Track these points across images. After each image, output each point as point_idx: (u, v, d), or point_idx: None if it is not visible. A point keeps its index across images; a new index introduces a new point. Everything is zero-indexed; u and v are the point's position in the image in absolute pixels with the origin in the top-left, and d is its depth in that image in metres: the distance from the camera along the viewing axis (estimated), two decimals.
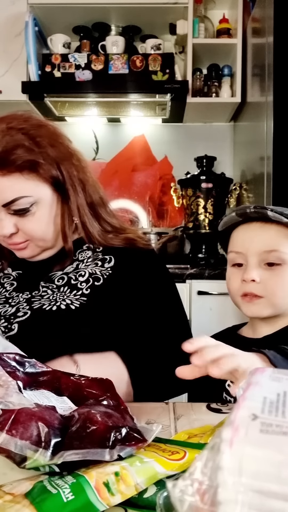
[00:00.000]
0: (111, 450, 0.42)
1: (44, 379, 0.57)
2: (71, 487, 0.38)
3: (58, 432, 0.44)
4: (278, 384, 0.34)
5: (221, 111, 2.29)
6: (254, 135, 1.94)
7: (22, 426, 0.42)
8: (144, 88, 2.11)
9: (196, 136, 2.43)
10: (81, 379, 0.56)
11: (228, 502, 0.26)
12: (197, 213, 2.10)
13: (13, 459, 0.42)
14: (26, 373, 0.56)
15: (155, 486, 0.41)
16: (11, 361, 0.56)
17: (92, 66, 2.10)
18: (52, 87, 2.12)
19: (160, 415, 0.62)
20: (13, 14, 2.13)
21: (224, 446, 0.28)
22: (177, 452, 0.45)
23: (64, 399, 0.54)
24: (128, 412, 0.52)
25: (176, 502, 0.27)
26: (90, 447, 0.42)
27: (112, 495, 0.38)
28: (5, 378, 0.50)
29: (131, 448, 0.44)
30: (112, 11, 2.18)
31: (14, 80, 2.10)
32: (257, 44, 1.93)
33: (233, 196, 2.17)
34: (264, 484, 0.26)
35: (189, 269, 1.79)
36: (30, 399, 0.48)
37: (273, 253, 0.82)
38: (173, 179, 2.40)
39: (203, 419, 0.60)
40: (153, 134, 2.48)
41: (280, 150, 1.62)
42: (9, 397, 0.46)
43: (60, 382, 0.56)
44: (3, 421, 0.42)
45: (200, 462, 0.28)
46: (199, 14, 2.17)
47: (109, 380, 0.57)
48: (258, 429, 0.28)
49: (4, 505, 0.37)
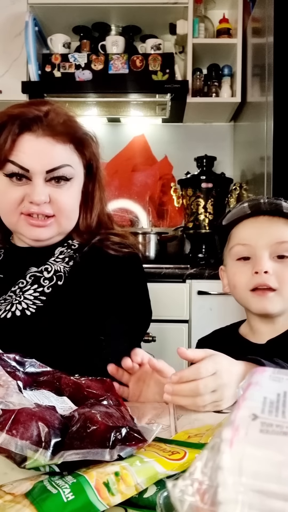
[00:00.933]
0: (111, 450, 0.42)
1: (44, 379, 0.57)
2: (71, 487, 0.38)
3: (58, 432, 0.44)
4: (278, 384, 0.34)
5: (221, 111, 2.29)
6: (254, 135, 1.94)
7: (22, 426, 0.42)
8: (144, 88, 2.11)
9: (196, 136, 2.43)
10: (81, 379, 0.56)
11: (228, 502, 0.26)
12: (197, 213, 2.10)
13: (13, 459, 0.42)
14: (26, 373, 0.56)
15: (155, 486, 0.41)
16: (11, 361, 0.56)
17: (92, 66, 2.10)
18: (52, 87, 2.12)
19: (160, 415, 0.62)
20: (13, 14, 2.13)
21: (224, 446, 0.28)
22: (177, 452, 0.45)
23: (64, 399, 0.54)
24: (128, 412, 0.52)
25: (176, 502, 0.27)
26: (90, 447, 0.42)
27: (112, 495, 0.38)
28: (5, 378, 0.50)
29: (131, 448, 0.44)
30: (112, 11, 2.18)
31: (14, 80, 2.10)
32: (257, 44, 1.93)
33: (233, 196, 2.17)
34: (264, 484, 0.26)
35: (189, 269, 1.79)
36: (30, 399, 0.48)
37: (284, 245, 0.81)
38: (173, 179, 2.40)
39: (203, 419, 0.60)
40: (153, 134, 2.48)
41: (280, 150, 1.62)
42: (10, 397, 0.46)
43: (60, 382, 0.56)
44: (3, 421, 0.42)
45: (200, 462, 0.28)
46: (199, 14, 2.17)
47: (109, 380, 0.57)
48: (258, 429, 0.28)
49: (5, 505, 0.37)
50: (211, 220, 2.09)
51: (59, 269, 0.87)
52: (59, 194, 0.85)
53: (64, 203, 0.86)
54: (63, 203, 0.85)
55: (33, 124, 0.82)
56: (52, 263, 0.88)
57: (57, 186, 0.85)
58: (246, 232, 0.85)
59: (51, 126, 0.82)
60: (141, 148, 2.48)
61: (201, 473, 0.28)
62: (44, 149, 0.82)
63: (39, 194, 0.82)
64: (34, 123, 0.82)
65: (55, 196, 0.84)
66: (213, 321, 1.75)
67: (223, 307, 1.74)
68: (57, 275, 0.86)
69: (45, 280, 0.85)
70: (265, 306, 0.82)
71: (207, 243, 2.14)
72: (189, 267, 1.79)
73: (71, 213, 0.89)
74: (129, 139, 2.48)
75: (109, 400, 0.52)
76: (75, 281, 0.86)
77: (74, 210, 0.89)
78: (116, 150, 2.46)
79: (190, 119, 2.39)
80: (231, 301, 0.91)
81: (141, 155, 2.48)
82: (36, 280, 0.85)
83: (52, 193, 0.84)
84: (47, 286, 0.84)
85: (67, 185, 0.86)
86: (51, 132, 0.82)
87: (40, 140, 0.82)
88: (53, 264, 0.88)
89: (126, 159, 2.46)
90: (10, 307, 0.82)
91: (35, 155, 0.82)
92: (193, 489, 0.27)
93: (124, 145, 2.47)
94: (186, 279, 1.79)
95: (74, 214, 0.90)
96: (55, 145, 0.83)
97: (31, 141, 0.82)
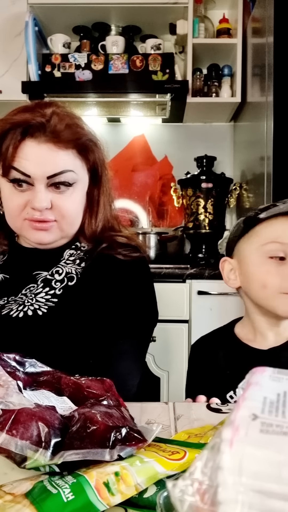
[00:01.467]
0: (111, 450, 0.42)
1: (44, 379, 0.57)
2: (71, 487, 0.38)
3: (58, 432, 0.44)
4: (278, 384, 0.34)
5: (221, 111, 2.29)
6: (254, 135, 1.94)
7: (22, 426, 0.42)
8: (144, 88, 2.10)
9: (196, 136, 2.43)
10: (81, 379, 0.56)
11: (228, 502, 0.26)
12: (197, 213, 2.10)
13: (13, 459, 0.42)
14: (26, 373, 0.56)
15: (155, 486, 0.41)
16: (11, 361, 0.56)
17: (92, 66, 2.10)
18: (52, 87, 2.12)
19: (160, 415, 0.62)
20: (13, 14, 2.13)
21: (224, 446, 0.28)
22: (177, 452, 0.45)
23: (64, 399, 0.54)
24: (128, 412, 0.52)
25: (176, 502, 0.27)
26: (90, 447, 0.42)
27: (112, 495, 0.38)
28: (5, 378, 0.50)
29: (131, 448, 0.44)
30: (112, 11, 2.18)
31: (14, 80, 2.10)
32: (257, 44, 1.93)
33: (233, 196, 2.18)
34: (264, 484, 0.26)
35: (189, 269, 1.79)
36: (30, 399, 0.48)
37: None
38: (173, 179, 2.40)
39: (203, 419, 0.60)
40: (153, 134, 2.48)
41: (280, 150, 1.62)
42: (10, 397, 0.46)
43: (60, 382, 0.56)
44: (3, 421, 0.42)
45: (200, 462, 0.28)
46: (199, 14, 2.17)
47: (109, 380, 0.57)
48: (258, 429, 0.28)
49: (5, 505, 0.37)
50: (211, 220, 2.09)
51: (70, 271, 0.88)
52: (61, 200, 0.85)
53: (66, 209, 0.86)
54: (65, 209, 0.86)
55: (36, 130, 0.82)
56: (63, 265, 0.89)
57: (59, 192, 0.85)
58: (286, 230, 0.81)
59: (54, 132, 0.82)
60: (141, 148, 2.48)
61: (201, 473, 0.28)
62: (46, 155, 0.82)
63: (40, 201, 0.82)
64: (36, 129, 0.82)
65: (57, 202, 0.85)
66: (213, 321, 1.74)
67: (223, 307, 1.74)
68: (68, 276, 0.87)
69: (56, 282, 0.86)
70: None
71: (207, 243, 2.14)
72: (189, 267, 1.79)
73: (74, 219, 0.89)
74: (129, 139, 2.48)
75: (109, 400, 0.52)
76: (86, 282, 0.87)
77: (76, 215, 0.89)
78: (116, 150, 2.46)
79: (190, 119, 2.39)
80: (231, 301, 0.90)
81: (141, 155, 2.48)
82: (47, 283, 0.87)
83: (54, 199, 0.84)
84: (58, 288, 0.86)
85: (69, 191, 0.86)
86: (53, 138, 0.82)
87: (42, 146, 0.82)
88: (64, 266, 0.89)
89: (126, 159, 2.46)
90: (22, 308, 0.84)
91: (36, 161, 0.82)
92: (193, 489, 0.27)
93: (124, 145, 2.47)
94: (186, 279, 1.79)
95: (76, 219, 0.90)
96: (57, 151, 0.83)
97: (33, 147, 0.82)
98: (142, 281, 0.93)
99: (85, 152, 0.87)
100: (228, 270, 0.90)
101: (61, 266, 0.89)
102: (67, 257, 0.91)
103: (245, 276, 0.86)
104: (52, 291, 0.85)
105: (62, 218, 0.86)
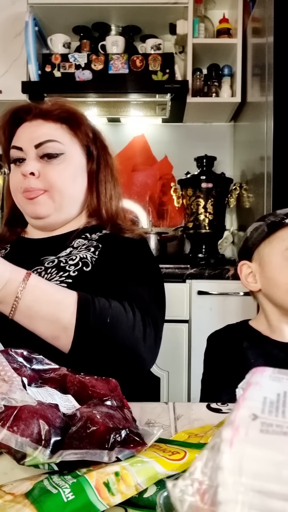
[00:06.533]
0: (110, 452, 0.42)
1: (50, 376, 0.56)
2: (72, 487, 0.38)
3: (59, 431, 0.44)
4: (278, 384, 0.34)
5: (221, 111, 2.29)
6: (254, 135, 1.94)
7: (23, 423, 0.42)
8: (144, 88, 2.11)
9: (196, 136, 2.43)
10: (86, 378, 0.56)
11: (228, 502, 0.26)
12: (197, 213, 2.10)
13: (13, 455, 0.42)
14: (33, 369, 0.56)
15: (155, 486, 0.41)
16: (18, 357, 0.56)
17: (92, 66, 2.10)
18: (52, 87, 2.12)
19: (160, 415, 0.62)
20: (13, 14, 2.13)
21: (224, 446, 0.28)
22: (177, 452, 0.45)
23: (68, 397, 0.54)
24: (131, 413, 0.52)
25: (176, 502, 0.27)
26: (89, 447, 0.42)
27: (112, 495, 0.38)
28: (10, 374, 0.50)
29: (129, 451, 0.43)
30: (112, 11, 2.18)
31: (14, 80, 2.10)
32: (257, 44, 1.93)
33: (233, 196, 2.18)
34: (264, 484, 0.26)
35: (189, 269, 1.79)
36: (33, 396, 0.48)
37: None
38: (173, 179, 2.40)
39: (203, 419, 0.60)
40: (153, 134, 2.48)
41: (280, 150, 1.62)
42: (13, 394, 0.46)
43: (65, 380, 0.56)
44: (5, 417, 0.42)
45: (200, 462, 0.28)
46: (199, 14, 2.17)
47: (115, 381, 0.57)
48: (258, 429, 0.28)
49: (5, 505, 0.37)
50: (211, 220, 2.09)
51: (85, 256, 0.87)
52: (47, 168, 0.90)
53: (51, 177, 0.90)
54: (50, 176, 0.89)
55: (30, 114, 0.92)
56: (76, 253, 0.89)
57: (48, 162, 0.90)
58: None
59: (44, 110, 0.92)
60: (141, 148, 2.48)
61: (201, 473, 0.28)
62: (34, 127, 0.91)
63: (26, 165, 0.89)
64: (30, 113, 0.93)
65: (44, 170, 0.89)
66: (213, 321, 1.75)
67: (223, 307, 1.74)
68: (82, 261, 0.86)
69: (70, 266, 0.86)
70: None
71: (207, 243, 2.14)
72: (189, 267, 1.79)
73: (63, 188, 0.91)
74: (129, 139, 2.48)
75: (112, 400, 0.52)
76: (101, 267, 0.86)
77: (66, 185, 0.91)
78: (116, 150, 2.45)
79: (190, 119, 2.39)
80: (231, 301, 0.91)
81: (141, 155, 2.48)
82: (61, 268, 0.86)
83: (41, 169, 0.89)
84: (73, 270, 0.85)
85: (57, 161, 0.90)
86: (43, 115, 0.92)
87: (32, 122, 0.92)
88: (78, 253, 0.89)
89: (126, 159, 2.46)
90: None
91: (26, 135, 0.91)
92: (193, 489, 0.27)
93: (124, 145, 2.47)
94: (186, 279, 1.79)
95: (67, 189, 0.92)
96: (44, 123, 0.91)
97: (25, 126, 0.92)
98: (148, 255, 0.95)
99: (76, 128, 0.93)
100: (247, 274, 0.91)
101: (75, 254, 0.88)
102: (78, 246, 0.91)
103: (268, 280, 0.87)
104: (66, 273, 0.84)
105: (51, 187, 0.90)
